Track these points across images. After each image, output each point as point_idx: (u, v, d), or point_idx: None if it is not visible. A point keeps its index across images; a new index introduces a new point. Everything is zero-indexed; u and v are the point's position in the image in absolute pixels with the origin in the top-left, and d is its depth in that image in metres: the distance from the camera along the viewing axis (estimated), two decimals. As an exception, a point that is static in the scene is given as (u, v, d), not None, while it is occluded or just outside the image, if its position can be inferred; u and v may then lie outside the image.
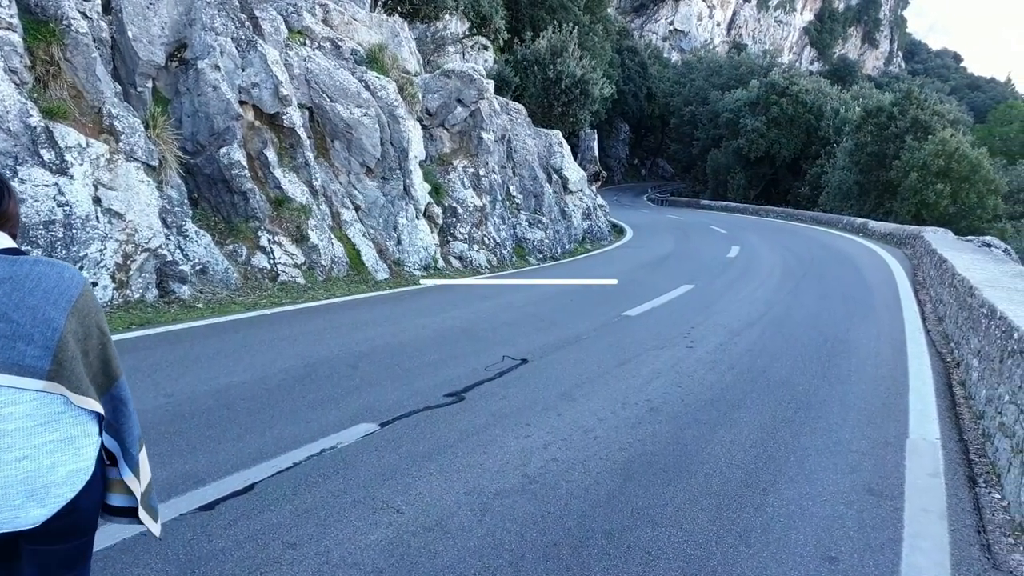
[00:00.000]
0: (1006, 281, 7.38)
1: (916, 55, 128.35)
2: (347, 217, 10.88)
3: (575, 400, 5.41)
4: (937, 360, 7.05)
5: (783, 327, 8.47)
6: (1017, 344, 4.50)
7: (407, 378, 5.83)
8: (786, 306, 9.96)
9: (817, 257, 17.27)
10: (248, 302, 8.87)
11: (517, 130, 16.75)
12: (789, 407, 5.39)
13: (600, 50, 39.60)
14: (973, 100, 78.41)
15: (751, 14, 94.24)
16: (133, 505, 1.86)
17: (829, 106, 42.17)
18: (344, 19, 12.43)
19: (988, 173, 24.88)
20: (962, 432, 5.06)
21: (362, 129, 11.03)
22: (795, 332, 8.18)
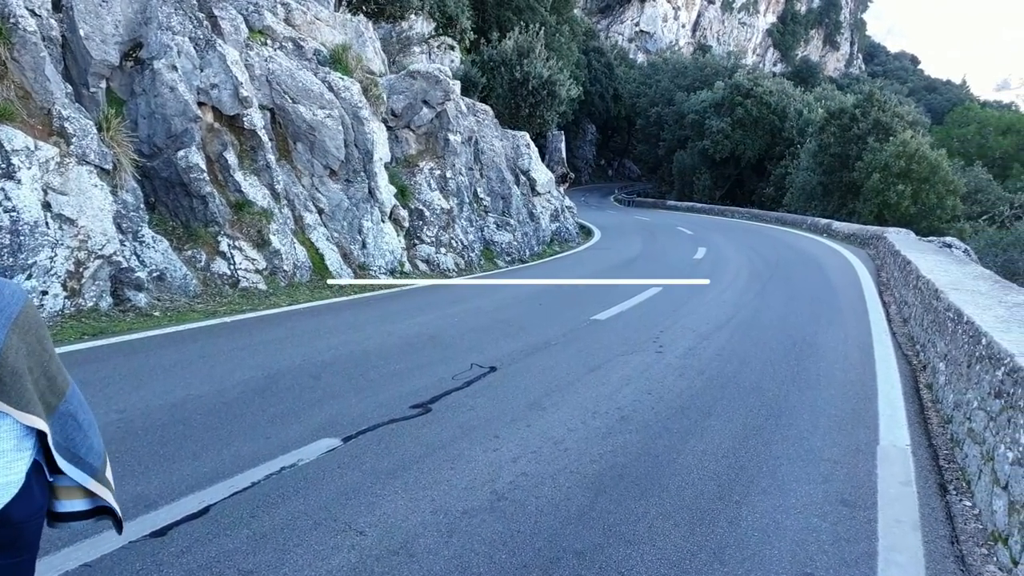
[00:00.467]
0: (969, 283, 7.43)
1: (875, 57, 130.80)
2: (310, 221, 10.65)
3: (545, 410, 5.30)
4: (904, 363, 7.07)
5: (751, 330, 8.46)
6: (985, 350, 4.48)
7: (371, 389, 5.67)
8: (753, 309, 9.97)
9: (783, 258, 17.41)
10: (207, 310, 8.61)
11: (484, 131, 16.62)
12: (760, 414, 5.34)
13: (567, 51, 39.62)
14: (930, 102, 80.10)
15: (715, 16, 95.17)
16: (88, 508, 1.89)
17: (793, 107, 42.72)
18: (307, 19, 12.18)
19: (947, 174, 25.39)
20: (931, 437, 5.05)
21: (325, 131, 10.81)
22: (763, 336, 8.17)
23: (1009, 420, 3.72)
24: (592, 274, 14.18)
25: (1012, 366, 3.87)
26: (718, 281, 12.96)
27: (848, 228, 22.50)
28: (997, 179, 29.29)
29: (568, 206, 23.27)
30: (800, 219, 28.15)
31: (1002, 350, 4.14)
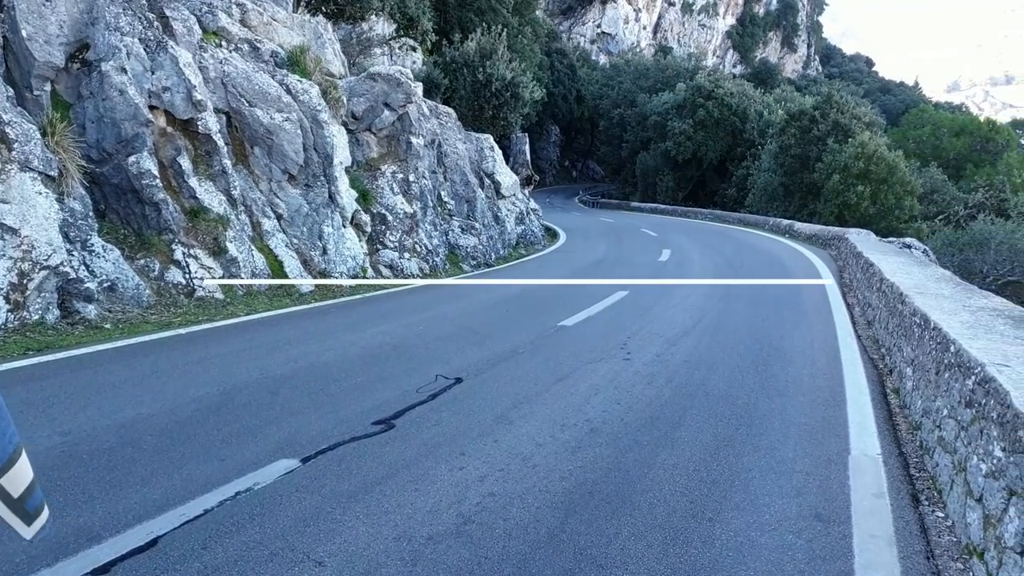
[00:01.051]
0: (933, 287, 7.47)
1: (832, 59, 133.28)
2: (268, 227, 10.37)
3: (512, 423, 5.16)
4: (870, 367, 7.08)
5: (718, 335, 8.42)
6: (954, 358, 4.45)
7: (332, 404, 5.47)
8: (719, 312, 9.95)
9: (747, 261, 17.52)
10: (161, 321, 8.31)
11: (447, 134, 16.43)
12: (730, 424, 5.26)
13: (529, 52, 39.58)
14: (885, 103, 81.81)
15: (676, 18, 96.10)
16: None
17: (753, 109, 43.24)
18: (263, 20, 11.87)
19: (905, 175, 25.88)
20: (900, 445, 5.02)
21: (283, 135, 10.54)
22: (730, 340, 8.14)
23: (981, 431, 3.68)
24: (558, 278, 14.10)
25: (983, 376, 3.83)
26: (684, 284, 12.95)
27: (810, 229, 22.78)
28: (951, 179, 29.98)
29: (533, 208, 23.19)
30: (762, 220, 28.44)
31: (972, 359, 4.11)
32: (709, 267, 15.43)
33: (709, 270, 14.82)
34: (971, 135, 33.17)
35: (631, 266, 16.09)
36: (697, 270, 14.96)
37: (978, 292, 7.09)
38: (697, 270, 14.96)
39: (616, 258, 17.79)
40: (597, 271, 15.17)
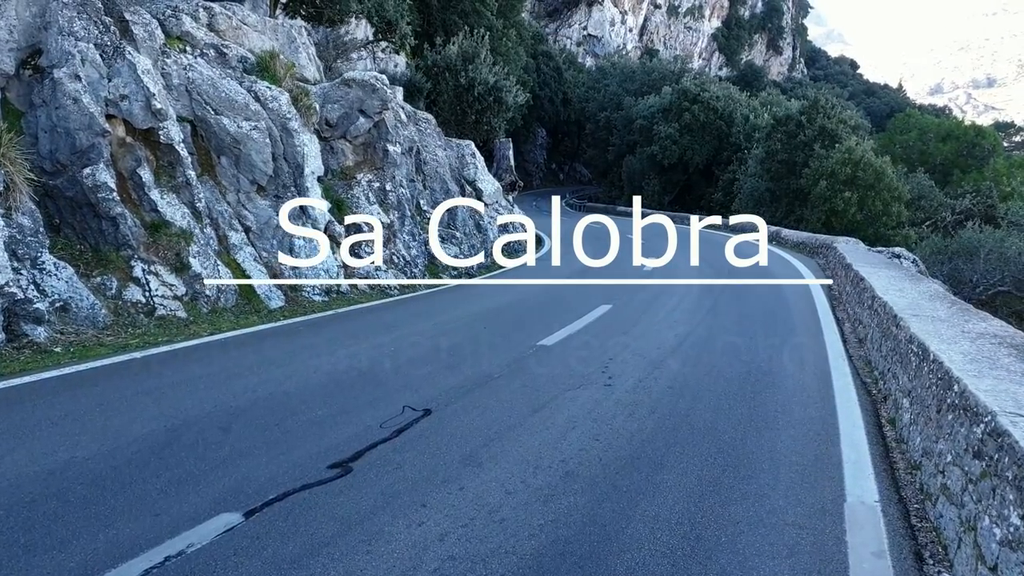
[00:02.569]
0: (927, 307, 7.14)
1: (817, 62, 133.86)
2: (236, 240, 9.92)
3: (481, 466, 4.75)
4: (863, 393, 6.72)
5: (704, 356, 8.05)
6: (959, 399, 4.09)
7: (286, 443, 5.04)
8: (706, 329, 9.59)
9: (733, 270, 17.18)
10: (117, 343, 7.84)
11: (427, 141, 16.01)
12: (716, 464, 4.88)
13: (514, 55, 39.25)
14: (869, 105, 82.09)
15: (662, 20, 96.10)
16: None
17: (739, 112, 43.04)
18: (232, 24, 11.41)
19: (892, 181, 25.68)
20: (899, 488, 4.65)
21: (251, 144, 10.09)
22: (717, 363, 7.77)
23: (994, 490, 3.31)
24: (541, 290, 13.71)
25: (994, 427, 3.46)
26: (669, 296, 12.60)
27: (797, 236, 22.51)
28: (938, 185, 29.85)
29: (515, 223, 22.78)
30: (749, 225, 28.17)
31: (980, 404, 3.74)
32: (695, 277, 15.06)
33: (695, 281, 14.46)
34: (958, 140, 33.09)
35: (616, 276, 15.72)
36: (682, 280, 14.60)
37: (974, 314, 6.75)
38: (682, 280, 14.60)
39: (600, 268, 17.41)
40: (581, 282, 14.79)
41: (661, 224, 34.06)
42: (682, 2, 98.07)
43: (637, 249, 21.36)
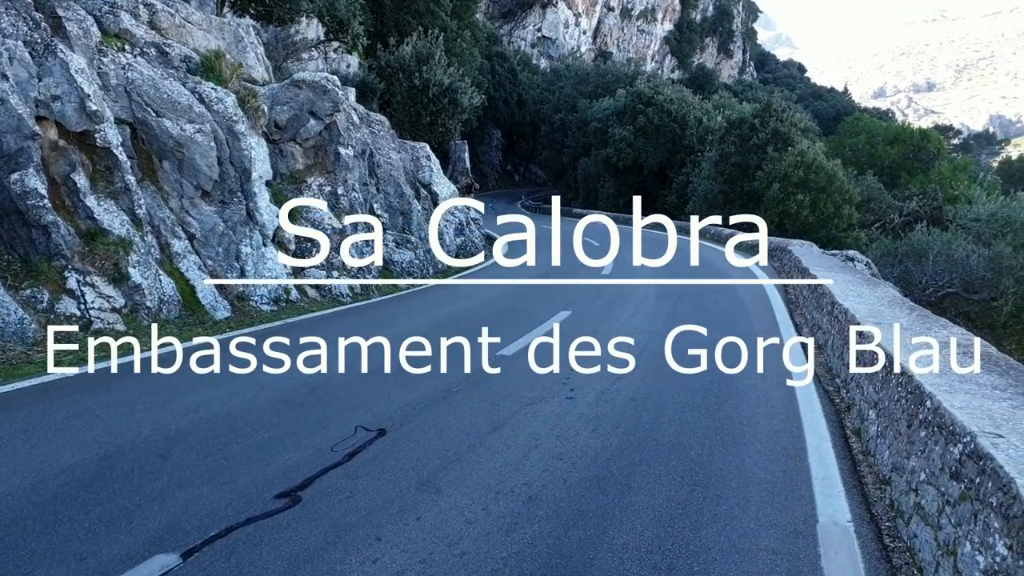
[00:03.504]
0: (887, 312, 7.11)
1: (766, 65, 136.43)
2: (179, 248, 9.46)
3: (439, 492, 4.49)
4: (826, 402, 6.64)
5: (666, 365, 7.91)
6: (932, 415, 3.98)
7: (230, 470, 4.71)
8: (666, 334, 9.45)
9: (690, 274, 17.17)
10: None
11: (380, 143, 15.64)
12: (684, 484, 4.70)
13: (469, 56, 38.97)
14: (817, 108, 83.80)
15: (615, 23, 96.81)
16: None
17: (692, 115, 43.41)
18: (175, 22, 10.92)
19: (843, 184, 26.13)
20: (870, 504, 4.53)
21: (195, 147, 9.64)
22: (678, 371, 7.62)
23: (975, 515, 3.18)
24: (499, 294, 13.48)
25: (974, 449, 3.34)
26: (628, 301, 12.49)
27: (752, 238, 22.69)
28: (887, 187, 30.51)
29: (474, 218, 22.53)
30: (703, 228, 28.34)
31: (956, 423, 3.63)
32: (652, 284, 15.00)
33: (652, 287, 14.39)
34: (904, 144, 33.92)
35: (575, 279, 15.58)
36: (641, 284, 14.52)
37: (935, 321, 6.73)
38: (641, 284, 14.52)
39: (559, 270, 17.26)
40: (537, 288, 14.61)
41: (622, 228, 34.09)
42: (635, 5, 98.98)
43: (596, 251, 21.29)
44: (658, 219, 31.59)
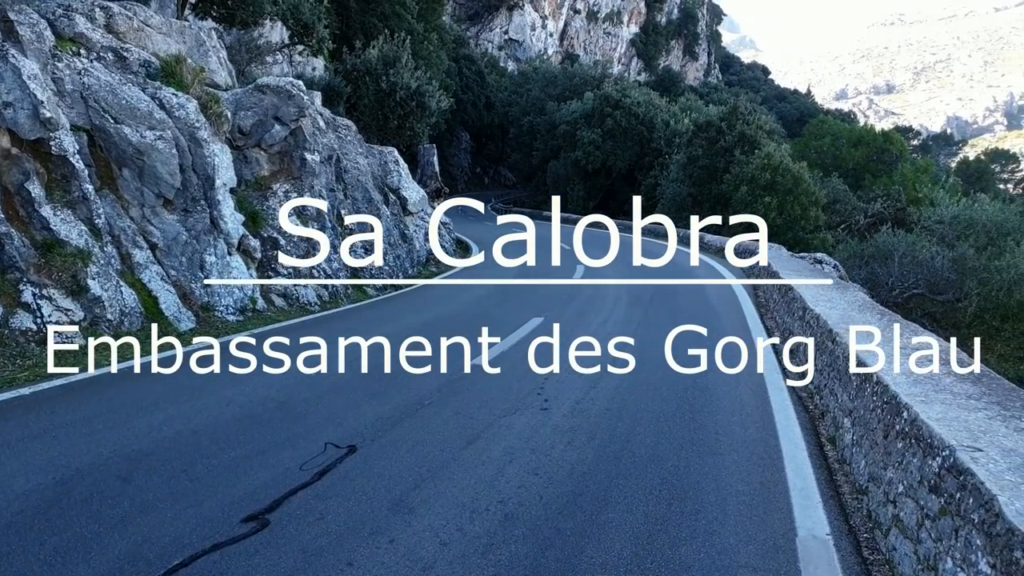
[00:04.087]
0: (858, 317, 7.15)
1: (731, 67, 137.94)
2: (140, 259, 9.19)
3: (413, 512, 4.37)
4: (800, 409, 6.64)
5: (640, 372, 7.86)
6: (909, 427, 3.97)
7: (195, 494, 4.54)
8: (640, 341, 9.43)
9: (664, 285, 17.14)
10: (3, 377, 7.09)
11: (347, 148, 15.43)
12: (662, 497, 4.64)
13: (436, 59, 38.78)
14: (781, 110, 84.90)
15: (582, 25, 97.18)
16: None
17: (660, 118, 43.67)
18: (133, 25, 10.63)
19: (809, 186, 26.48)
20: (848, 515, 4.51)
21: (156, 155, 9.38)
22: (652, 379, 7.59)
23: (956, 531, 3.16)
24: (471, 300, 13.36)
25: (953, 463, 3.31)
26: (600, 306, 12.45)
27: (721, 241, 22.88)
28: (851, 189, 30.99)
29: (444, 222, 22.37)
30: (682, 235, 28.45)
31: (935, 435, 3.61)
32: (624, 289, 14.99)
33: (624, 292, 14.38)
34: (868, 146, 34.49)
35: (545, 288, 15.52)
36: (612, 292, 14.50)
37: (905, 326, 6.77)
38: (612, 292, 14.50)
39: (531, 274, 17.19)
40: (509, 294, 14.51)
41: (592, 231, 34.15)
42: (601, 8, 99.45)
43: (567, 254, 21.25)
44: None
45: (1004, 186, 78.05)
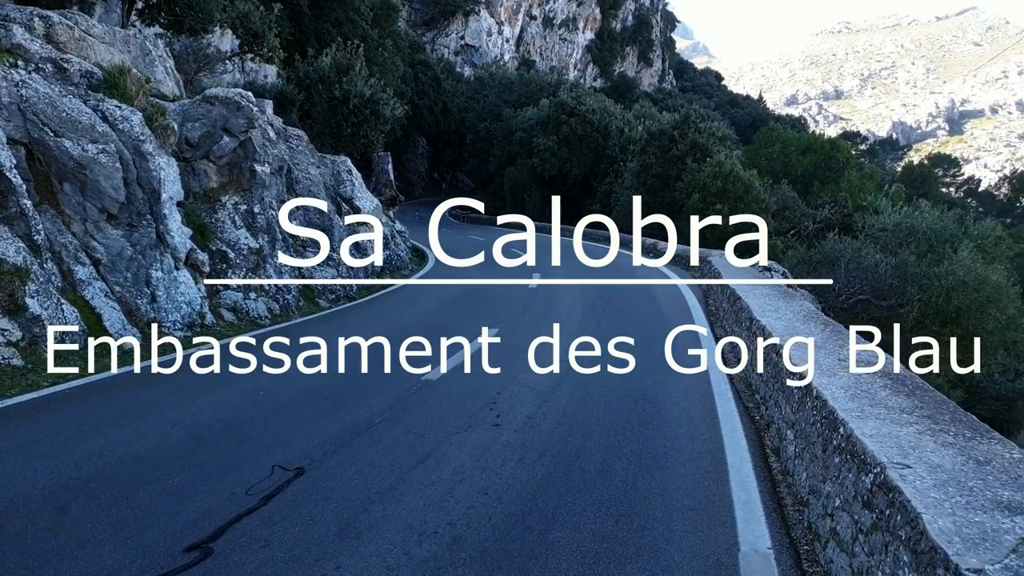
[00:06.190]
0: (802, 328, 7.32)
1: (685, 73, 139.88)
2: (83, 275, 8.96)
3: (360, 536, 4.34)
4: (747, 420, 6.77)
5: (591, 385, 7.93)
6: (845, 442, 4.08)
7: (136, 523, 4.44)
8: (592, 354, 9.47)
9: (616, 286, 17.30)
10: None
11: (299, 159, 15.26)
12: (609, 515, 4.68)
13: (391, 65, 38.59)
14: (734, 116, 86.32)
15: (538, 31, 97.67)
16: None
17: (615, 125, 44.09)
18: (74, 35, 10.37)
19: (759, 193, 27.04)
20: (789, 528, 4.61)
21: (99, 168, 9.16)
22: (603, 392, 7.65)
23: (886, 547, 3.26)
24: (424, 312, 13.30)
25: (884, 480, 3.42)
26: (555, 316, 12.50)
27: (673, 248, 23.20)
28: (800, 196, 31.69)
29: (400, 231, 22.26)
30: (626, 237, 28.75)
31: (867, 452, 3.72)
32: (579, 297, 15.09)
33: (579, 301, 14.47)
34: (816, 153, 35.35)
35: (501, 294, 15.54)
36: (568, 301, 14.58)
37: (846, 335, 6.95)
38: (568, 301, 14.58)
39: (486, 285, 17.19)
40: (465, 303, 14.50)
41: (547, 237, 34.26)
42: (557, 14, 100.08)
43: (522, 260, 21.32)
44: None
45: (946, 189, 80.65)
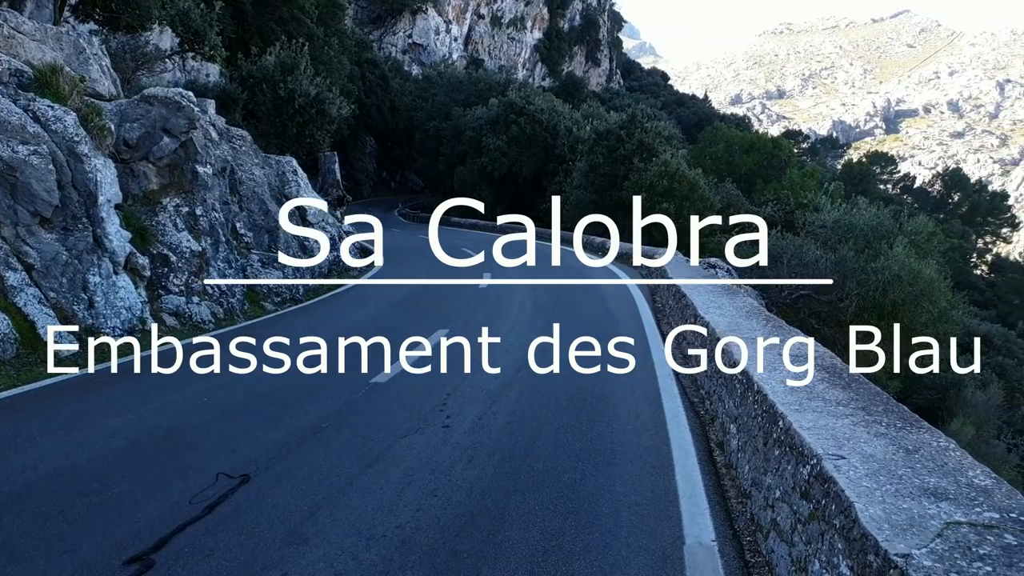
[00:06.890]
0: (745, 324, 7.49)
1: (632, 73, 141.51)
2: (14, 281, 8.65)
3: (307, 542, 4.30)
4: (692, 415, 6.90)
5: (541, 384, 7.98)
6: (784, 435, 4.20)
7: (72, 537, 4.32)
8: (543, 354, 9.51)
9: (564, 285, 17.43)
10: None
11: (242, 159, 14.98)
12: (557, 512, 4.73)
13: (337, 64, 38.16)
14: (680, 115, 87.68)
15: (486, 31, 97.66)
16: None
17: (563, 125, 44.37)
18: (3, 32, 9.98)
19: (704, 192, 27.58)
20: (732, 519, 4.72)
21: (31, 171, 8.85)
22: (552, 390, 7.72)
23: (822, 535, 3.37)
24: (373, 314, 13.18)
25: (819, 471, 3.53)
26: (506, 316, 12.54)
27: (622, 247, 23.48)
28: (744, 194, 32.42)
29: (347, 231, 22.02)
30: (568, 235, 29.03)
31: (805, 444, 3.84)
32: (528, 296, 15.15)
33: (528, 299, 14.53)
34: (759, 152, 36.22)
35: (452, 295, 15.52)
36: (518, 299, 14.62)
37: (787, 331, 7.14)
38: (518, 299, 14.62)
39: (437, 285, 17.13)
40: (416, 304, 14.43)
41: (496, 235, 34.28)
42: (505, 13, 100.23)
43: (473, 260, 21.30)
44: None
45: (884, 186, 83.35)
